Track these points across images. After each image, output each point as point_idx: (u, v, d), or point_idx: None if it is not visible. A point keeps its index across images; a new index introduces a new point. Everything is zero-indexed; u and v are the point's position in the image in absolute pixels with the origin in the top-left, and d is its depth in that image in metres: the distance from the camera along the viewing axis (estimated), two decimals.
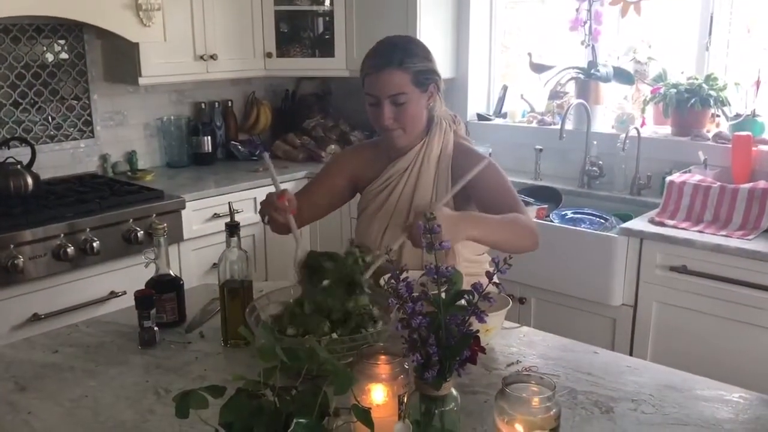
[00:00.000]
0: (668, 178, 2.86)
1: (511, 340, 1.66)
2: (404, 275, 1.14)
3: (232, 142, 3.89)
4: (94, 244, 2.80)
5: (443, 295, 1.12)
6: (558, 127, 3.31)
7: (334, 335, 1.44)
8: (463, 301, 1.13)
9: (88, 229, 2.81)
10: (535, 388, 1.14)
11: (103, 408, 1.38)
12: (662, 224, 2.69)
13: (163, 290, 1.70)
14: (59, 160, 3.37)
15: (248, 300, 1.61)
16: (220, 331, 1.65)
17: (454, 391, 1.15)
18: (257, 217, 3.45)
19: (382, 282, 1.67)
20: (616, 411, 1.35)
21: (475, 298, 1.11)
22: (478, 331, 1.13)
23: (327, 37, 3.87)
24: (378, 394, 1.18)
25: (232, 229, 1.61)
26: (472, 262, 1.94)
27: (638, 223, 2.73)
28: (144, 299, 1.61)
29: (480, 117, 3.80)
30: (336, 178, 2.07)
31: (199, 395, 1.03)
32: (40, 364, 1.56)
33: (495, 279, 1.15)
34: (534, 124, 3.64)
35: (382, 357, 1.23)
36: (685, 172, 2.94)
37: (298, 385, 1.09)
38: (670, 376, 1.51)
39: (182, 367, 1.54)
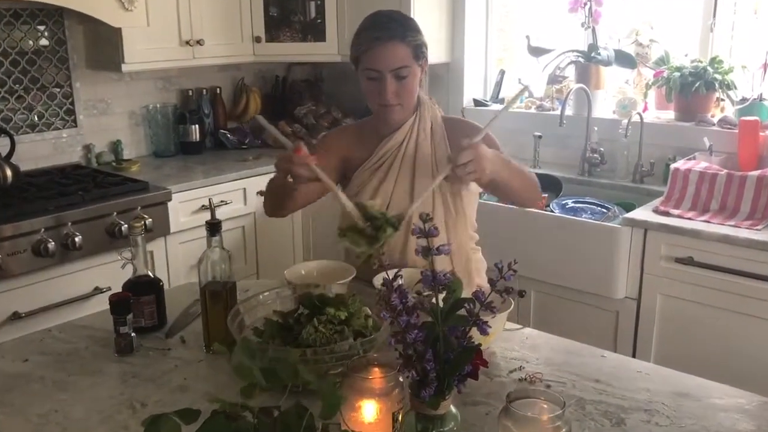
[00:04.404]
0: (673, 166, 2.76)
1: (512, 344, 1.56)
2: (398, 282, 1.03)
3: (221, 130, 3.76)
4: (77, 239, 2.68)
5: (441, 303, 1.02)
6: (557, 112, 3.20)
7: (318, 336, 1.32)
8: (463, 311, 1.02)
9: (69, 223, 2.70)
10: (543, 404, 1.03)
11: (73, 424, 1.28)
12: (667, 214, 2.59)
13: (141, 292, 1.60)
14: (40, 150, 3.24)
15: (232, 303, 1.51)
16: (203, 336, 1.54)
17: (453, 409, 1.05)
18: (247, 208, 3.39)
19: (376, 283, 1.57)
20: (628, 423, 1.26)
21: (477, 307, 1.00)
22: (479, 344, 1.02)
23: (318, 21, 3.73)
24: (369, 411, 1.07)
25: (213, 227, 1.50)
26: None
27: (642, 213, 2.62)
28: (119, 303, 1.50)
29: (476, 102, 3.69)
30: (326, 157, 1.96)
31: (170, 420, 0.93)
32: (8, 375, 1.45)
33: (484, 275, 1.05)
34: (533, 110, 3.52)
35: (375, 369, 1.13)
36: (690, 159, 2.84)
37: (282, 402, 0.99)
38: (684, 381, 1.41)
39: (161, 376, 1.43)
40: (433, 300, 1.00)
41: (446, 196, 1.91)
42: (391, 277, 1.02)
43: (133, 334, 1.53)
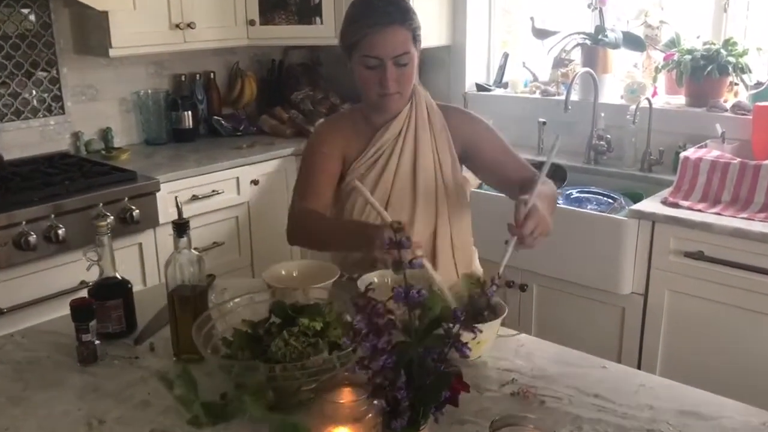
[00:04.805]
0: (682, 154, 2.62)
1: (506, 352, 1.44)
2: (371, 295, 0.91)
3: (215, 116, 3.64)
4: (60, 231, 2.58)
5: (416, 322, 0.91)
6: (563, 97, 3.06)
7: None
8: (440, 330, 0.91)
9: (52, 215, 2.59)
10: None
11: None
12: (676, 205, 2.46)
13: (107, 296, 1.49)
14: (27, 138, 3.13)
15: (202, 309, 1.39)
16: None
17: None
18: (240, 198, 3.28)
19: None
20: None
21: (455, 327, 0.89)
22: (458, 369, 0.91)
23: (315, 2, 3.59)
24: None
25: (180, 227, 1.39)
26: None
27: (650, 205, 2.49)
28: (81, 310, 1.39)
29: (479, 87, 3.56)
30: (332, 163, 1.84)
31: None
32: None
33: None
34: (537, 95, 3.39)
35: (346, 390, 1.02)
36: (701, 147, 2.70)
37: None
38: (691, 397, 1.29)
39: (124, 389, 1.33)
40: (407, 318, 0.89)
41: (451, 193, 1.80)
42: (363, 289, 0.90)
43: (97, 342, 1.42)
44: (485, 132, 1.85)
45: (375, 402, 0.87)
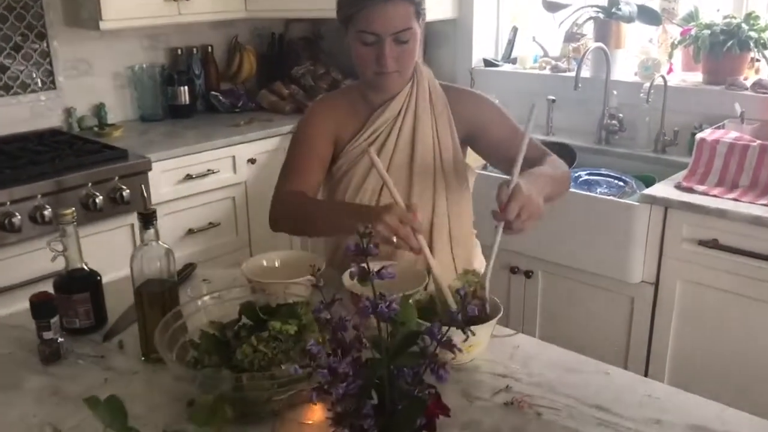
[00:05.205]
0: (698, 135, 2.48)
1: (501, 355, 1.33)
2: (337, 309, 0.80)
3: (212, 92, 3.52)
4: (46, 212, 2.49)
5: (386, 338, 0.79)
6: (573, 74, 2.92)
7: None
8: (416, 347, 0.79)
9: (39, 195, 2.50)
10: None
11: None
12: (690, 190, 2.32)
13: (74, 289, 1.39)
14: (17, 114, 3.03)
15: (172, 306, 1.29)
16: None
17: None
18: (237, 177, 3.16)
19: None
20: None
21: (432, 344, 0.77)
22: (435, 390, 0.80)
23: None
24: None
25: (146, 218, 1.27)
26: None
27: (663, 189, 2.36)
28: (41, 306, 1.29)
29: (486, 63, 3.41)
30: (322, 145, 1.71)
31: None
32: None
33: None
34: (547, 71, 3.24)
35: (315, 408, 0.91)
36: (719, 128, 2.56)
37: None
38: (702, 409, 1.18)
39: (86, 392, 1.22)
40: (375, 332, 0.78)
41: (451, 182, 1.67)
42: (326, 301, 0.79)
43: (60, 340, 1.32)
44: (492, 112, 1.71)
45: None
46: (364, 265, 0.76)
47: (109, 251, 2.61)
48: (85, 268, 1.41)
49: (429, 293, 1.37)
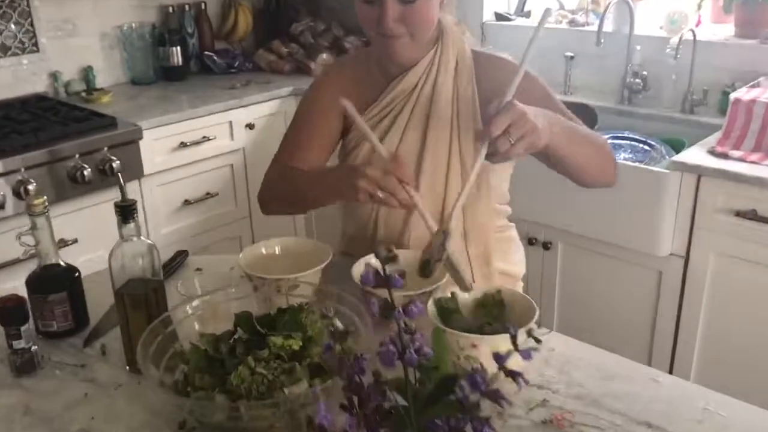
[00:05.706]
0: (733, 95, 2.28)
1: (534, 360, 1.16)
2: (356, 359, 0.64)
3: (206, 52, 3.32)
4: (30, 186, 2.32)
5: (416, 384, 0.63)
6: (594, 29, 2.71)
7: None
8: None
9: (23, 168, 2.33)
10: None
11: None
12: (725, 156, 2.14)
13: (50, 288, 1.23)
14: None
15: (158, 307, 1.13)
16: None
17: None
18: (235, 144, 2.97)
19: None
20: None
21: (473, 395, 0.61)
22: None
23: None
24: None
25: (126, 211, 1.09)
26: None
27: (694, 155, 2.17)
28: (9, 312, 1.13)
29: (498, 17, 3.20)
30: (331, 118, 1.51)
31: None
32: None
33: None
34: (564, 25, 3.03)
35: None
36: (754, 87, 2.36)
37: None
38: None
39: (61, 412, 1.07)
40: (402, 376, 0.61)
41: (466, 167, 1.43)
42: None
43: (34, 348, 1.17)
44: (538, 96, 1.40)
45: None
46: (387, 298, 0.59)
47: (97, 226, 2.47)
48: (62, 263, 1.25)
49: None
